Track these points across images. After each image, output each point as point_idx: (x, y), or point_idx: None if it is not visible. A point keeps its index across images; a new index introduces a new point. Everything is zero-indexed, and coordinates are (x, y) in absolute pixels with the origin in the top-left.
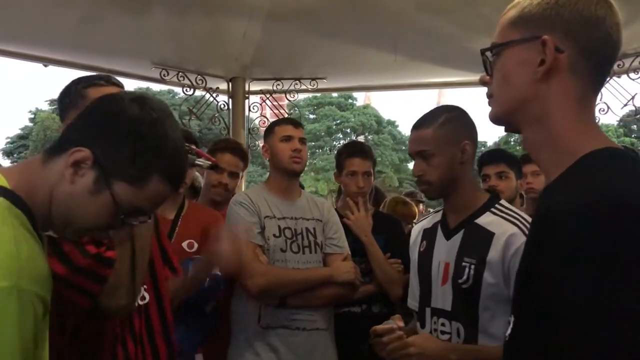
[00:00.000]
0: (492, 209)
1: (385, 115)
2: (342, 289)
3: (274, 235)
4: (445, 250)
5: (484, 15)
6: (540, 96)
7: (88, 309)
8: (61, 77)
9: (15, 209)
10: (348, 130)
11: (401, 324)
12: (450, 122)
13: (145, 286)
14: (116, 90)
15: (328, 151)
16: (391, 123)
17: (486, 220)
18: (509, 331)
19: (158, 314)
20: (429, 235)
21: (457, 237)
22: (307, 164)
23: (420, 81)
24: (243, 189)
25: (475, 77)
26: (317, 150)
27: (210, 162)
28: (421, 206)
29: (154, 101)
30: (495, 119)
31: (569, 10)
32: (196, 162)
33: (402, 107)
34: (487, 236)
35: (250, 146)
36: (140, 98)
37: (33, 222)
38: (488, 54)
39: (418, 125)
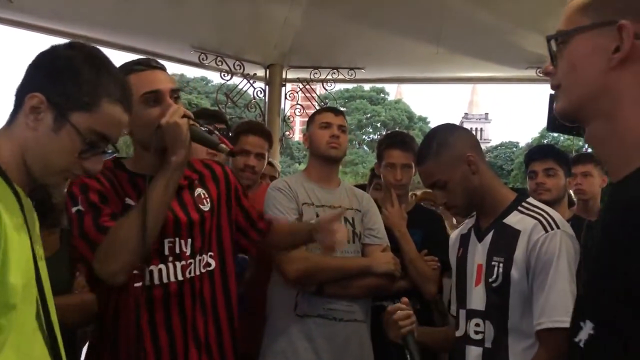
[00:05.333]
0: (519, 208)
1: (417, 111)
2: (381, 280)
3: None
4: (478, 252)
5: (530, 8)
6: (611, 87)
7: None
8: None
9: None
10: (378, 125)
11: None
12: (443, 145)
13: (211, 253)
14: (159, 73)
15: (357, 145)
16: (422, 119)
17: (514, 219)
18: (584, 337)
19: (222, 282)
20: (464, 240)
21: (488, 238)
22: None
23: (461, 75)
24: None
25: (517, 73)
26: None
27: (229, 149)
28: None
29: (85, 45)
30: (564, 113)
31: None
32: (219, 146)
33: (434, 103)
34: (514, 234)
35: (285, 135)
36: (71, 43)
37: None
38: (553, 42)
39: (419, 163)
